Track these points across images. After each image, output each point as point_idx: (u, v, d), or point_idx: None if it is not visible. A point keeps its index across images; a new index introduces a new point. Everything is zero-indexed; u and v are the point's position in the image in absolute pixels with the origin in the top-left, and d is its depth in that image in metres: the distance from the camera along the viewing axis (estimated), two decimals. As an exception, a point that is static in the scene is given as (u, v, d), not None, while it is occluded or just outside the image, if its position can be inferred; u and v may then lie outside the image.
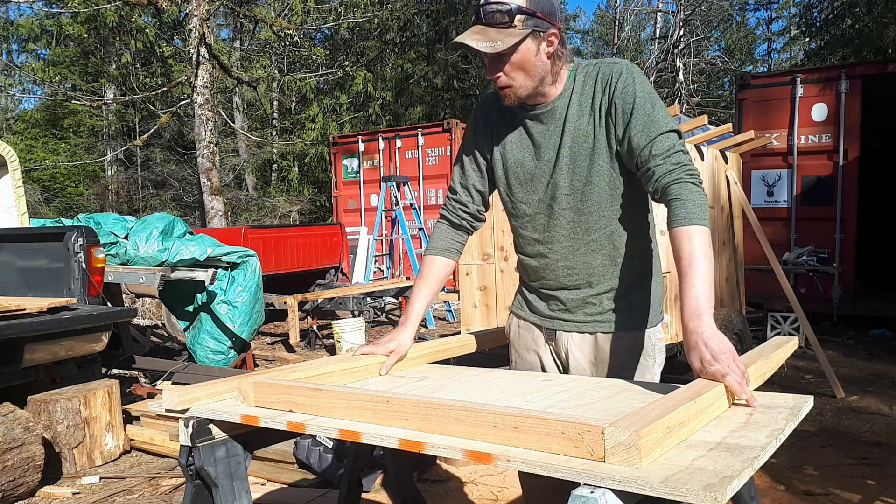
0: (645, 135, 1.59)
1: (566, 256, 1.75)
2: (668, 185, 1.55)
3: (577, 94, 1.68)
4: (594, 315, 1.77)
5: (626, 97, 1.62)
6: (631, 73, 1.65)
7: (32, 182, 18.02)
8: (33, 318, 3.73)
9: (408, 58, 20.68)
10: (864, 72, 7.49)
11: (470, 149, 1.88)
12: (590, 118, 1.67)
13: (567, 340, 1.82)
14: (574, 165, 1.68)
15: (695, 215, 1.50)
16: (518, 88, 1.63)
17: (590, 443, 1.06)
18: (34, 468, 3.29)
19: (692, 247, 1.48)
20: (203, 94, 10.82)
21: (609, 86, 1.64)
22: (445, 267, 1.91)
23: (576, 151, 1.68)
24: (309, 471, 3.47)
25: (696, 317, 1.41)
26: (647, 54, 26.91)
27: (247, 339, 5.89)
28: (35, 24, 18.75)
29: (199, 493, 1.50)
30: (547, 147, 1.72)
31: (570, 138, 1.68)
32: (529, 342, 1.90)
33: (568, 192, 1.70)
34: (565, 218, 1.72)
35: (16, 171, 5.33)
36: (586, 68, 1.70)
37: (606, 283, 1.75)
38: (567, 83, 1.69)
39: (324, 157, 19.83)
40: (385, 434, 1.24)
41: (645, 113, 1.60)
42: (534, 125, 1.73)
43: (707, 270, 1.46)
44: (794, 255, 7.21)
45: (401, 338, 1.80)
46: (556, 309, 1.82)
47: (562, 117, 1.69)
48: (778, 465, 3.58)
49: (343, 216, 11.80)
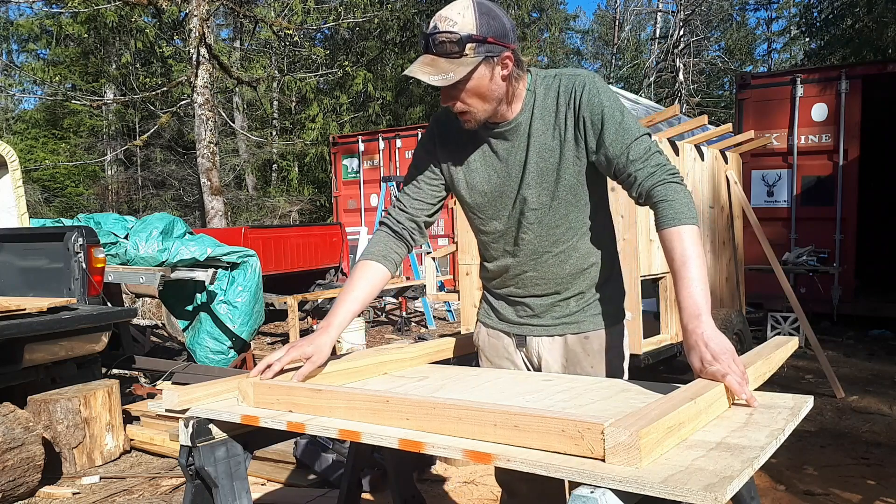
0: (620, 143, 1.58)
1: (535, 268, 1.76)
2: (652, 187, 1.55)
3: (539, 109, 1.65)
4: (562, 318, 1.79)
5: (592, 109, 1.60)
6: (595, 84, 1.63)
7: (32, 182, 18.01)
8: (33, 318, 3.73)
9: (408, 58, 20.66)
10: (864, 72, 7.49)
11: (424, 162, 1.81)
12: (554, 132, 1.65)
13: (538, 345, 1.83)
14: (541, 180, 1.67)
15: (683, 215, 1.50)
16: (477, 113, 1.60)
17: (590, 441, 1.06)
18: (34, 468, 3.28)
19: (683, 246, 1.48)
20: (203, 94, 10.82)
21: (573, 99, 1.62)
22: (381, 275, 1.77)
23: (542, 167, 1.66)
24: (309, 471, 3.47)
25: (695, 317, 1.41)
26: (647, 54, 26.92)
27: (247, 339, 5.89)
28: (35, 24, 18.75)
29: (199, 493, 1.50)
30: (513, 164, 1.69)
31: (536, 154, 1.66)
32: (500, 350, 1.90)
33: (536, 207, 1.69)
34: (533, 232, 1.72)
35: (16, 171, 5.33)
36: (545, 80, 1.67)
37: (574, 288, 1.77)
38: (527, 97, 1.66)
39: (324, 157, 19.84)
40: (385, 434, 1.24)
41: (615, 122, 1.59)
42: (498, 143, 1.70)
43: (701, 269, 1.46)
44: (794, 255, 7.21)
45: (319, 342, 1.61)
46: (524, 315, 1.83)
47: (525, 133, 1.67)
48: (778, 465, 3.58)
49: (343, 216, 11.80)
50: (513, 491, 1.96)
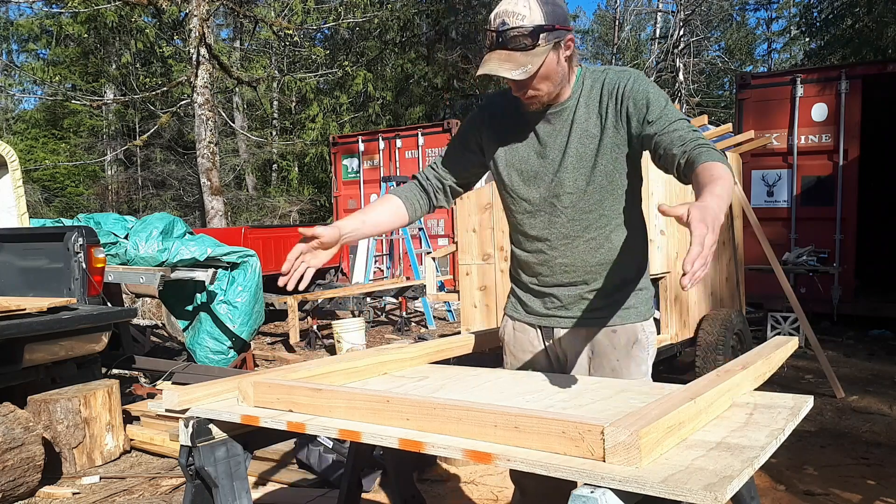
0: (664, 119, 1.62)
1: (564, 254, 1.78)
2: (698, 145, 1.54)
3: (585, 97, 1.72)
4: (590, 311, 1.81)
5: (636, 95, 1.65)
6: (640, 77, 1.70)
7: (32, 182, 18.01)
8: (33, 318, 3.72)
9: (408, 58, 20.66)
10: (864, 72, 7.49)
11: (465, 139, 1.89)
12: (597, 120, 1.70)
13: (564, 337, 1.84)
14: (579, 165, 1.72)
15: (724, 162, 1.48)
16: (543, 96, 1.67)
17: (590, 442, 1.06)
18: (34, 468, 3.28)
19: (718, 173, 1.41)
20: (203, 94, 10.82)
21: (617, 88, 1.68)
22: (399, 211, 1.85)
23: (581, 152, 1.71)
24: (309, 471, 3.47)
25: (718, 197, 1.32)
26: (647, 54, 26.91)
27: (247, 339, 5.89)
28: (35, 24, 18.76)
29: (199, 493, 1.50)
30: (552, 146, 1.75)
31: (577, 139, 1.71)
32: (525, 343, 1.92)
33: (571, 191, 1.73)
34: (566, 216, 1.75)
35: (16, 171, 5.33)
36: (594, 73, 1.74)
37: (602, 280, 1.79)
38: (575, 86, 1.73)
39: (324, 157, 19.83)
40: (385, 434, 1.24)
41: (660, 105, 1.64)
42: (541, 125, 1.76)
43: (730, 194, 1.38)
44: (794, 255, 7.20)
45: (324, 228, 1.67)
46: (551, 307, 1.85)
47: (569, 118, 1.73)
48: (778, 465, 3.58)
49: (343, 216, 11.77)
50: (524, 489, 1.97)
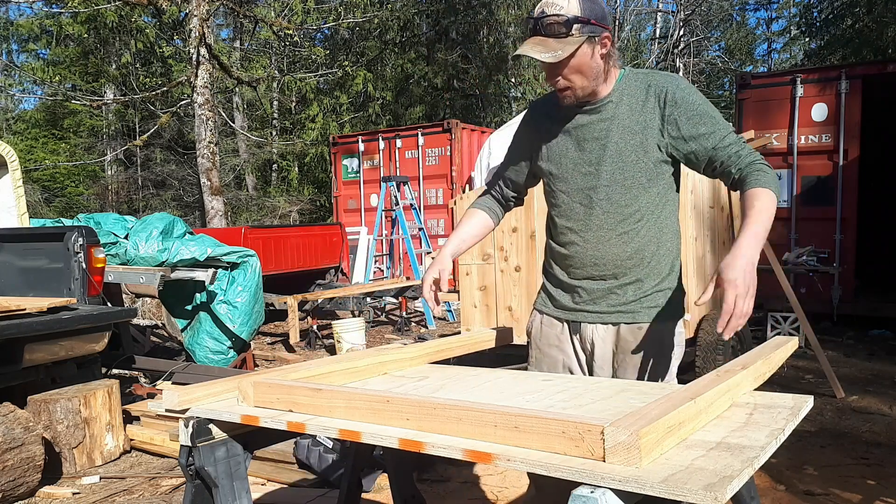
0: (718, 134, 1.73)
1: (596, 246, 1.82)
2: (752, 163, 1.70)
3: (628, 96, 1.79)
4: (617, 306, 1.83)
5: (688, 106, 1.74)
6: (687, 85, 1.79)
7: (32, 182, 18.00)
8: (33, 318, 3.72)
9: (408, 58, 20.65)
10: (864, 72, 7.49)
11: (517, 144, 2.02)
12: (639, 118, 1.77)
13: (592, 332, 1.87)
14: (619, 159, 1.77)
15: (772, 185, 1.67)
16: (577, 89, 1.75)
17: (590, 442, 1.06)
18: (34, 468, 3.28)
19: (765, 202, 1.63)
20: (203, 94, 10.81)
21: (666, 95, 1.76)
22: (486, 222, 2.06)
23: (622, 147, 1.77)
24: (309, 471, 3.47)
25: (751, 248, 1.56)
26: (647, 54, 26.91)
27: (246, 339, 5.89)
28: (35, 24, 18.75)
29: (199, 493, 1.50)
30: (592, 140, 1.81)
31: (618, 134, 1.78)
32: (552, 338, 1.95)
33: (608, 184, 1.79)
34: (601, 208, 1.80)
35: (16, 171, 5.33)
36: (638, 75, 1.83)
37: (632, 275, 1.82)
38: (617, 84, 1.80)
39: (324, 157, 19.82)
40: (385, 434, 1.24)
41: (710, 117, 1.74)
42: (582, 119, 1.82)
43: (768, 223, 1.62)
44: (794, 255, 7.20)
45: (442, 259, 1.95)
46: (579, 301, 1.88)
47: (610, 114, 1.79)
48: (778, 465, 3.57)
49: (343, 216, 11.80)
50: (539, 485, 1.98)
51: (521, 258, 4.86)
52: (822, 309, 7.43)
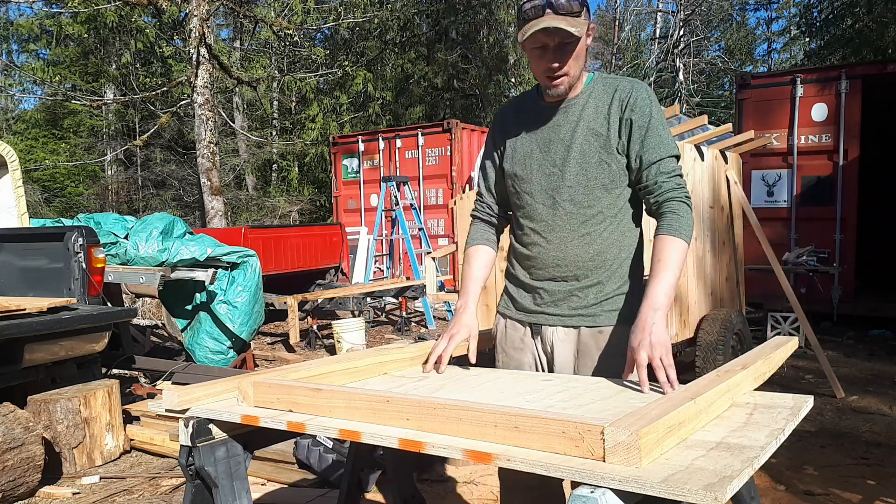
0: (656, 153, 1.74)
1: (558, 247, 1.82)
2: (669, 199, 1.71)
3: (595, 98, 1.80)
4: (578, 309, 1.82)
5: (643, 115, 1.75)
6: (649, 95, 1.79)
7: (32, 182, 18.01)
8: (33, 318, 3.72)
9: (408, 58, 20.65)
10: (864, 72, 7.49)
11: (490, 153, 2.00)
12: (604, 121, 1.77)
13: (552, 335, 1.86)
14: (582, 161, 1.77)
15: (683, 232, 1.68)
16: (572, 77, 1.74)
17: (590, 442, 1.06)
18: (34, 468, 3.28)
19: (672, 255, 1.65)
20: (203, 94, 10.81)
21: (628, 99, 1.76)
22: (490, 255, 2.02)
23: (586, 149, 1.77)
24: (309, 471, 3.47)
25: (654, 310, 1.58)
26: (647, 54, 26.90)
27: (246, 339, 5.89)
28: (35, 24, 18.74)
29: (199, 493, 1.50)
30: (557, 141, 1.81)
31: (583, 136, 1.78)
32: (516, 341, 1.94)
33: (571, 185, 1.78)
34: (564, 209, 1.80)
35: (16, 171, 5.33)
36: (606, 79, 1.83)
37: (593, 277, 1.81)
38: (586, 86, 1.81)
39: (324, 157, 19.82)
40: (385, 434, 1.24)
41: (658, 134, 1.74)
42: (549, 119, 1.83)
43: (675, 279, 1.64)
44: (794, 255, 7.20)
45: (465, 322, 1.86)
46: (541, 303, 1.87)
47: (576, 116, 1.79)
48: (778, 465, 3.58)
49: (343, 216, 11.80)
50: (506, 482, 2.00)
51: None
52: (822, 309, 7.43)
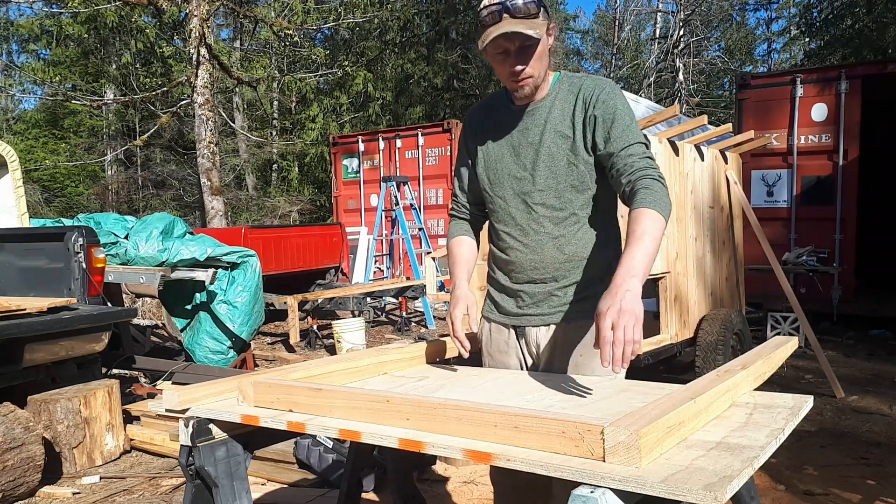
0: (624, 140, 1.70)
1: (534, 250, 1.82)
2: (642, 178, 1.65)
3: (561, 100, 1.78)
4: (559, 306, 1.83)
5: (607, 108, 1.72)
6: (614, 90, 1.76)
7: (32, 182, 18.01)
8: (33, 318, 3.72)
9: (408, 58, 20.67)
10: (864, 72, 7.49)
11: (463, 156, 1.99)
12: (569, 123, 1.76)
13: (536, 335, 1.87)
14: (551, 164, 1.77)
15: (658, 205, 1.60)
16: (536, 78, 1.73)
17: (590, 442, 1.06)
18: (34, 468, 3.28)
19: (647, 225, 1.56)
20: (203, 94, 10.81)
21: (592, 97, 1.74)
22: (473, 244, 2.01)
23: (554, 151, 1.77)
24: (309, 471, 3.47)
25: (629, 276, 1.47)
26: (647, 54, 26.90)
27: (246, 339, 5.89)
28: (35, 25, 18.76)
29: (199, 493, 1.50)
30: (526, 145, 1.81)
31: (550, 139, 1.77)
32: (502, 344, 1.94)
33: (542, 188, 1.78)
34: (537, 213, 1.80)
35: (16, 171, 5.33)
36: (572, 79, 1.81)
37: (572, 277, 1.82)
38: (552, 87, 1.80)
39: (324, 157, 19.83)
40: (385, 434, 1.24)
41: (624, 124, 1.72)
42: (517, 124, 1.82)
43: (653, 248, 1.54)
44: (794, 255, 7.20)
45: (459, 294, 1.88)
46: (523, 305, 1.88)
47: (543, 118, 1.79)
48: (778, 465, 3.58)
49: (343, 216, 11.80)
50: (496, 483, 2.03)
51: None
52: (822, 309, 7.43)
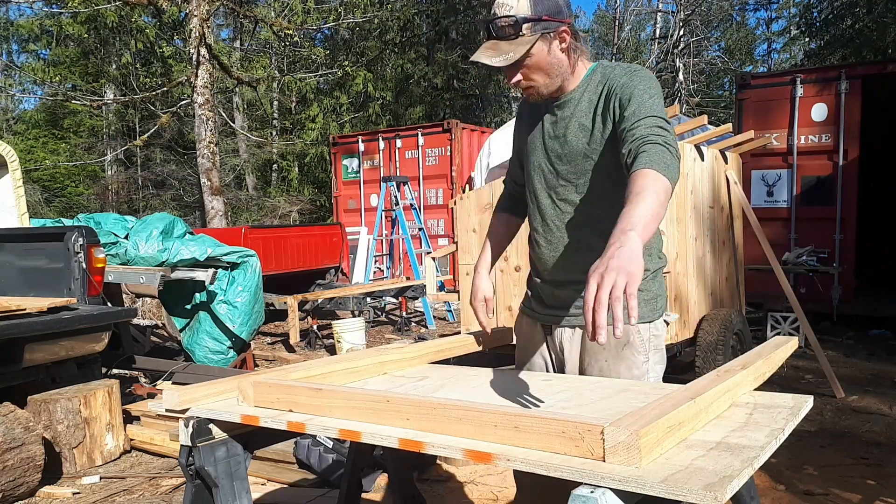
0: (635, 116, 1.57)
1: (557, 248, 1.80)
2: (644, 143, 1.49)
3: (590, 91, 1.73)
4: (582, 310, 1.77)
5: (625, 91, 1.63)
6: (640, 74, 1.66)
7: (32, 182, 18.01)
8: (33, 318, 3.72)
9: (408, 58, 20.67)
10: (864, 72, 7.49)
11: (514, 144, 2.00)
12: (591, 112, 1.71)
13: (561, 335, 1.85)
14: (573, 158, 1.74)
15: (658, 164, 1.43)
16: (540, 87, 1.70)
17: (590, 442, 1.06)
18: (34, 468, 3.28)
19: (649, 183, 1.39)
20: (203, 94, 10.81)
21: (616, 85, 1.66)
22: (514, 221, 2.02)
23: (575, 145, 1.73)
24: (309, 471, 3.47)
25: (625, 231, 1.30)
26: (647, 54, 26.90)
27: (246, 339, 5.89)
28: (35, 25, 18.76)
29: (199, 493, 1.50)
30: (555, 139, 1.78)
31: (573, 132, 1.74)
32: (532, 338, 1.94)
33: (564, 184, 1.76)
34: (560, 209, 1.78)
35: (16, 171, 5.33)
36: (605, 69, 1.73)
37: None
38: (584, 79, 1.74)
39: (324, 157, 19.83)
40: (385, 434, 1.24)
41: (640, 101, 1.59)
42: (549, 118, 1.80)
43: (654, 203, 1.36)
44: (794, 255, 7.20)
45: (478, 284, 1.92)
46: (550, 304, 1.86)
47: (571, 111, 1.75)
48: (778, 465, 3.58)
49: (343, 216, 11.80)
50: (521, 485, 1.98)
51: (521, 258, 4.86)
52: (822, 309, 7.43)
